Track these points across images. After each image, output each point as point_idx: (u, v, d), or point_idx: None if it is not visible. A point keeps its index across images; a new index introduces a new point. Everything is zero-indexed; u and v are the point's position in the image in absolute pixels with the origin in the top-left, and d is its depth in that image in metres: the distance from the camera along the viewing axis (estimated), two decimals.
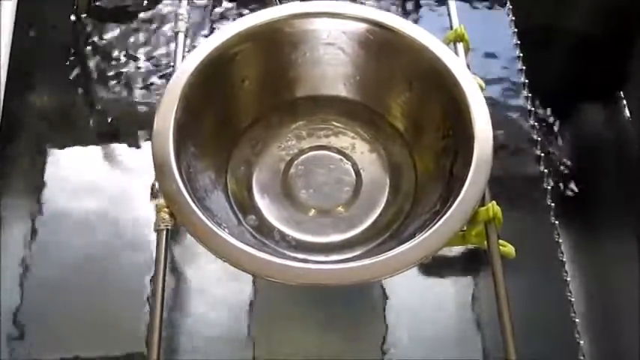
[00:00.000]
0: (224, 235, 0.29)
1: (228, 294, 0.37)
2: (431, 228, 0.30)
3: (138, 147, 0.44)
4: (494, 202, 0.32)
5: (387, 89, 0.40)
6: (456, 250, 0.39)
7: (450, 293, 0.38)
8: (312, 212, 0.38)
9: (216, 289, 0.38)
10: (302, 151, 0.40)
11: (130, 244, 0.39)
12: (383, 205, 0.38)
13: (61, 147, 0.43)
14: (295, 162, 0.39)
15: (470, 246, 0.36)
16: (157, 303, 0.29)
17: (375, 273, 0.29)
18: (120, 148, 0.43)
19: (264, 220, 0.37)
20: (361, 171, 0.39)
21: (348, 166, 0.39)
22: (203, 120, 0.36)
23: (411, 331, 0.37)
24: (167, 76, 0.45)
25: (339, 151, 0.40)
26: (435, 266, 0.39)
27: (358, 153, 0.40)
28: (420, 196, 0.37)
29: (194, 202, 0.31)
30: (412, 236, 0.30)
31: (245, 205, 0.38)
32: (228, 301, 0.37)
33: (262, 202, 0.38)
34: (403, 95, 0.39)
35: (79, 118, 0.44)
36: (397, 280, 0.38)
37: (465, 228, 0.32)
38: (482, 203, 0.32)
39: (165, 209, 0.31)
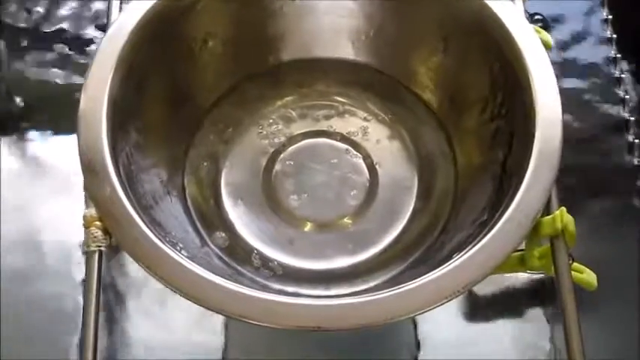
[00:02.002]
0: (180, 259, 0.30)
1: (191, 344, 0.38)
2: (475, 246, 0.30)
3: (58, 136, 0.45)
4: (563, 209, 0.32)
5: (412, 50, 0.41)
6: (513, 279, 0.40)
7: (505, 342, 0.39)
8: (307, 227, 0.39)
9: (173, 336, 0.39)
10: (292, 140, 0.41)
11: (50, 275, 0.40)
12: (408, 215, 0.39)
13: None
14: (282, 155, 0.40)
15: (531, 273, 0.37)
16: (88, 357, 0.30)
17: (394, 311, 0.29)
18: (32, 139, 0.44)
19: (238, 238, 0.38)
20: (377, 166, 0.40)
21: (358, 159, 0.40)
22: (150, 95, 0.38)
23: None
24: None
25: (345, 139, 0.41)
26: (483, 303, 0.40)
27: (372, 141, 0.41)
28: (461, 202, 0.38)
29: (137, 212, 0.31)
30: (448, 258, 0.31)
31: (211, 218, 0.39)
32: (190, 353, 0.38)
33: (235, 213, 0.39)
34: (435, 58, 0.40)
35: None
36: (432, 322, 0.38)
37: (523, 246, 0.33)
38: (548, 211, 0.33)
39: (97, 223, 0.32)
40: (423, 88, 0.41)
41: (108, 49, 0.35)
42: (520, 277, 0.39)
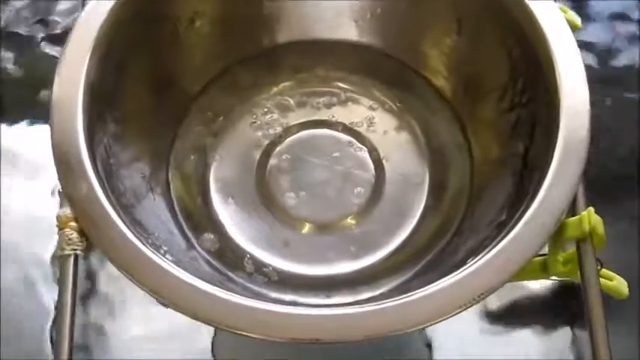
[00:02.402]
0: (164, 264, 0.30)
1: (180, 342, 0.38)
2: (492, 250, 0.30)
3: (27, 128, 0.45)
4: (591, 208, 0.32)
5: (422, 30, 0.41)
6: (534, 286, 0.40)
7: (525, 354, 0.39)
8: (306, 228, 0.39)
9: (160, 335, 0.39)
10: (288, 131, 0.41)
11: (24, 284, 0.40)
12: (418, 215, 0.39)
13: None
14: (278, 148, 0.40)
15: (555, 279, 0.37)
16: None
17: (402, 323, 0.29)
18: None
19: (228, 240, 0.38)
20: (383, 161, 0.40)
21: (363, 153, 0.40)
22: (131, 81, 0.38)
23: None
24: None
25: (348, 130, 0.41)
26: (501, 312, 0.40)
27: (378, 132, 0.41)
28: (477, 200, 0.38)
29: (116, 212, 0.31)
30: (462, 264, 0.31)
31: (198, 218, 0.39)
32: (180, 352, 0.38)
33: (226, 213, 0.39)
34: (449, 39, 0.40)
35: None
36: (446, 334, 0.38)
37: (546, 250, 0.33)
38: (574, 211, 0.33)
39: (72, 224, 0.32)
40: (435, 73, 0.41)
41: (84, 29, 0.35)
42: (542, 284, 0.39)
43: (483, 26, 0.38)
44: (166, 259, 0.31)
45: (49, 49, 0.48)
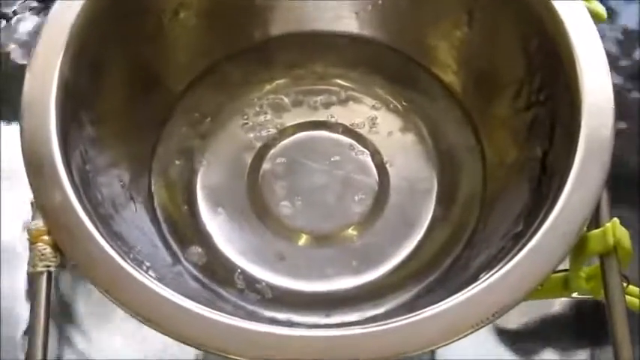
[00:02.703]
0: (147, 281, 0.30)
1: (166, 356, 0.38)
2: (507, 264, 0.30)
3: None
4: (616, 220, 0.32)
5: (430, 22, 0.41)
6: (552, 304, 0.39)
7: None
8: (302, 240, 0.39)
9: (146, 348, 0.39)
10: (283, 132, 0.41)
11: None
12: (426, 225, 0.39)
13: None
14: (272, 151, 0.40)
15: (576, 296, 0.36)
16: None
17: (409, 344, 0.29)
18: None
19: (217, 253, 0.38)
20: (387, 165, 0.40)
21: (365, 156, 0.40)
22: (109, 78, 0.37)
23: None
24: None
25: (349, 132, 0.41)
26: (520, 332, 0.39)
27: (382, 134, 0.41)
28: (490, 209, 0.38)
29: (94, 224, 0.31)
30: (474, 279, 0.31)
31: (184, 229, 0.38)
32: None
33: (214, 223, 0.39)
34: (459, 32, 0.40)
35: None
36: (454, 354, 0.38)
37: (567, 265, 0.32)
38: (597, 222, 0.32)
39: (45, 238, 0.31)
40: (444, 69, 0.41)
41: (57, 22, 0.34)
42: (562, 302, 0.39)
43: (497, 17, 0.38)
44: (149, 275, 0.31)
45: None
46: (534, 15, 0.35)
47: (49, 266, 0.31)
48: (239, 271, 0.37)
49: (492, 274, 0.30)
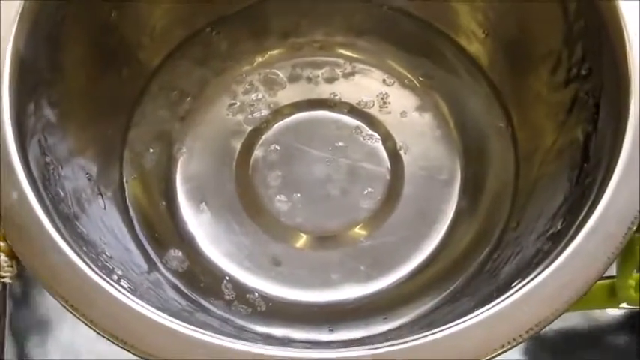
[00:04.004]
0: (117, 292, 0.30)
1: None
2: (544, 271, 0.30)
3: None
4: None
5: None
6: (598, 314, 0.40)
7: None
8: (302, 241, 0.39)
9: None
10: (278, 113, 0.41)
11: None
12: (447, 223, 0.39)
13: None
14: (264, 136, 0.40)
15: (625, 307, 0.37)
16: None
17: None
18: None
19: (201, 258, 0.38)
20: (401, 152, 0.40)
21: (374, 142, 0.40)
22: (70, 51, 0.37)
23: None
24: None
25: (356, 112, 0.41)
26: (560, 343, 0.40)
27: (395, 114, 0.41)
28: (525, 203, 0.38)
29: (55, 225, 0.31)
30: (506, 288, 0.31)
31: (162, 229, 0.39)
32: None
33: (197, 222, 0.39)
34: None
35: None
36: None
37: (614, 271, 0.33)
38: None
39: (0, 244, 0.31)
40: (469, 37, 0.41)
41: None
42: (608, 312, 0.40)
43: None
44: (121, 285, 0.31)
45: None
46: None
47: (3, 277, 0.31)
48: (227, 278, 0.38)
49: (527, 283, 0.30)
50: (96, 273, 0.30)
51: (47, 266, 0.31)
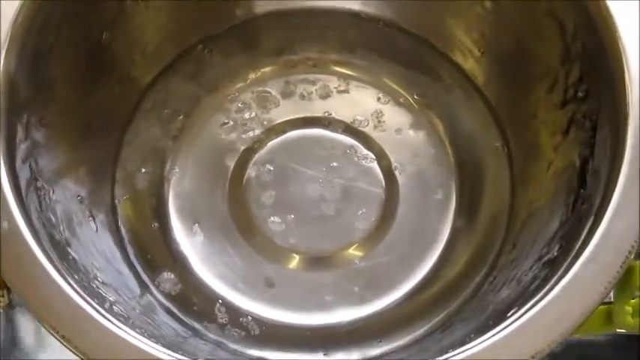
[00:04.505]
0: (109, 323, 0.29)
1: None
2: (541, 300, 0.30)
3: None
4: None
5: None
6: (595, 338, 0.40)
7: None
8: (295, 262, 0.39)
9: None
10: (271, 132, 0.41)
11: None
12: (443, 244, 0.39)
13: None
14: (257, 155, 0.40)
15: (621, 331, 0.37)
16: None
17: None
18: None
19: (194, 280, 0.38)
20: (396, 172, 0.40)
21: (369, 161, 0.40)
22: (63, 73, 0.37)
23: None
24: None
25: (350, 130, 0.41)
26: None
27: (389, 132, 0.41)
28: (521, 226, 0.38)
29: (46, 253, 0.31)
30: (502, 315, 0.31)
31: (154, 251, 0.39)
32: None
33: (190, 243, 0.39)
34: (481, 10, 0.40)
35: None
36: None
37: (610, 297, 0.33)
38: None
39: None
40: (465, 55, 0.41)
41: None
42: (604, 336, 0.40)
43: None
44: (113, 312, 0.31)
45: None
46: None
47: None
48: (220, 301, 0.38)
49: (524, 313, 0.30)
50: (88, 303, 0.30)
51: (38, 296, 0.30)
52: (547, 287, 0.30)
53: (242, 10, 0.42)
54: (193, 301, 0.38)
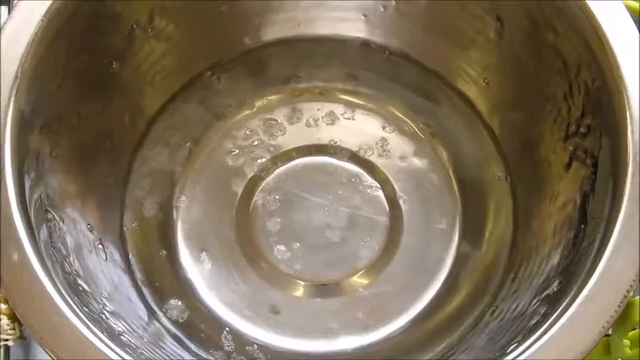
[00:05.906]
0: (117, 357, 0.29)
1: None
2: (541, 338, 0.30)
3: None
4: None
5: (453, 28, 0.41)
6: None
7: None
8: (301, 290, 0.39)
9: None
10: (278, 159, 0.41)
11: None
12: (447, 270, 0.40)
13: None
14: (264, 182, 0.41)
15: None
16: None
17: None
18: None
19: (201, 307, 0.39)
20: (400, 201, 0.41)
21: (374, 190, 0.41)
22: (72, 104, 0.37)
23: None
24: None
25: (355, 158, 0.41)
26: None
27: (394, 160, 0.41)
28: (522, 257, 0.38)
29: (56, 286, 0.31)
30: (503, 351, 0.31)
31: (162, 278, 0.39)
32: None
33: (197, 271, 0.40)
34: (484, 38, 0.40)
35: None
36: None
37: (609, 331, 0.33)
38: None
39: (1, 306, 0.32)
40: (469, 84, 0.42)
41: (9, 49, 0.34)
42: None
43: (531, 26, 0.38)
44: (122, 342, 0.31)
45: None
46: (575, 27, 0.35)
47: (6, 340, 0.32)
48: (227, 329, 0.38)
49: (523, 351, 0.30)
50: (97, 337, 0.30)
51: (49, 330, 0.31)
52: (547, 324, 0.31)
53: (250, 38, 0.43)
54: (201, 328, 0.38)
